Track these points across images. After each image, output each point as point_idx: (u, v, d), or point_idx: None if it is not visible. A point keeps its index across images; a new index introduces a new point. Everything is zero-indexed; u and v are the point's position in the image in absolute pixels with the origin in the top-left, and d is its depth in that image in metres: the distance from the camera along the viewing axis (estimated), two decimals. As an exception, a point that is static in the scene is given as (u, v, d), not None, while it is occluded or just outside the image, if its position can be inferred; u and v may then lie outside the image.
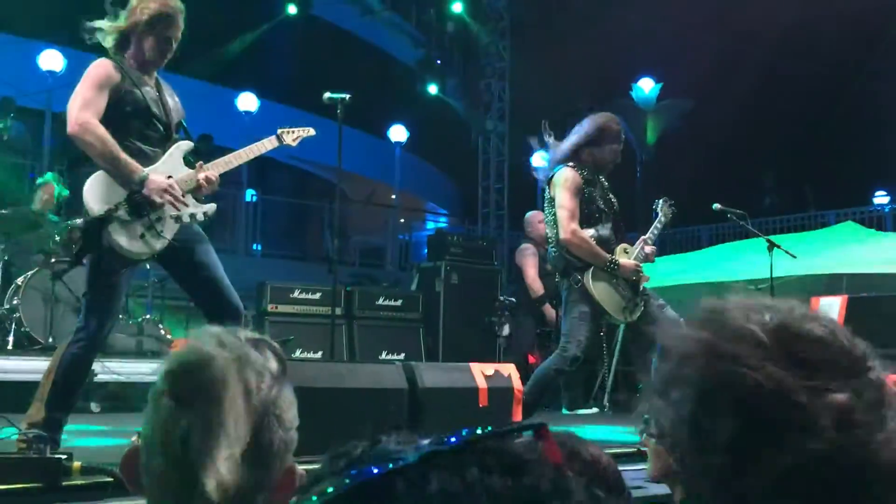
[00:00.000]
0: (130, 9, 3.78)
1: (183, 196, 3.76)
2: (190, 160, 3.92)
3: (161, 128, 3.84)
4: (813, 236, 10.38)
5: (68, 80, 10.25)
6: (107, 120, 3.65)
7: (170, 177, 3.76)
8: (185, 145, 3.92)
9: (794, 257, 6.63)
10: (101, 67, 3.71)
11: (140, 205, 3.66)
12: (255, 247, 14.22)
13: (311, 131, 4.39)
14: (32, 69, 10.81)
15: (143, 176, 3.64)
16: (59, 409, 3.59)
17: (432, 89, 14.90)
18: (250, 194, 14.02)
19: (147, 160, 3.73)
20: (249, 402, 1.12)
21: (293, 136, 4.28)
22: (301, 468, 1.21)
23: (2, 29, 11.85)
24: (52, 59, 10.72)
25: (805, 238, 9.77)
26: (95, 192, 3.64)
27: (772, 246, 6.51)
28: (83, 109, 3.60)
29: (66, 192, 7.75)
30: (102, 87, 3.66)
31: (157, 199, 3.66)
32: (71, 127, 3.59)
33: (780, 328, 0.88)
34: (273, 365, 1.19)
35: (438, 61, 14.71)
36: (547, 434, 0.72)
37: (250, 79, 13.77)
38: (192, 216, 3.83)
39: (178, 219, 3.77)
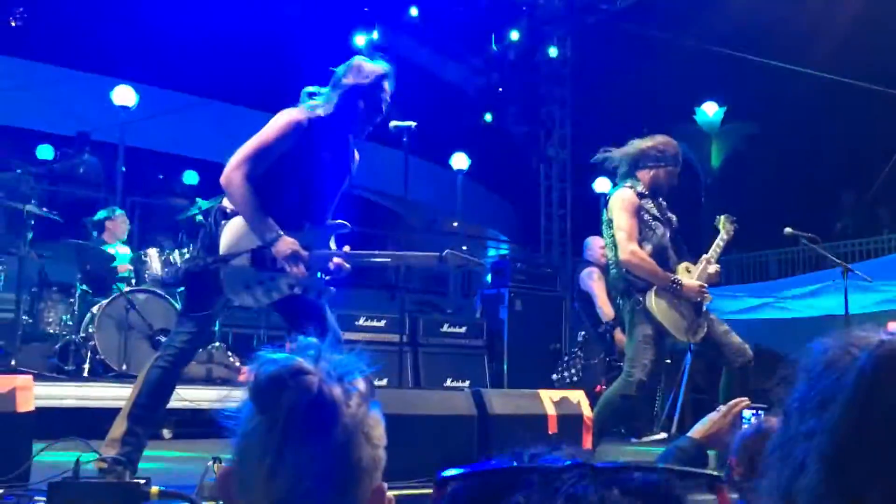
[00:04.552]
0: (353, 67, 3.86)
1: (308, 269, 3.75)
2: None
3: (322, 196, 3.88)
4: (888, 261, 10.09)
5: (140, 115, 10.62)
6: (271, 168, 3.71)
7: (307, 248, 3.74)
8: (337, 225, 3.95)
9: (870, 281, 6.46)
10: (285, 121, 3.75)
11: (264, 260, 3.73)
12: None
13: (482, 264, 4.23)
14: (106, 104, 11.15)
15: (274, 236, 3.67)
16: (140, 423, 3.66)
17: (489, 117, 14.96)
18: (315, 223, 14.20)
19: (293, 223, 3.74)
20: (341, 419, 1.13)
21: (457, 261, 4.00)
22: (390, 493, 1.21)
23: (77, 66, 12.29)
24: (124, 95, 11.04)
25: (880, 265, 9.49)
26: (231, 235, 3.75)
27: (846, 270, 6.34)
28: (241, 165, 3.66)
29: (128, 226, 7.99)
30: (279, 140, 3.71)
31: (279, 263, 3.71)
32: (222, 178, 3.69)
33: None
34: (360, 384, 1.20)
35: (500, 89, 14.76)
36: (721, 490, 0.73)
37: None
38: (306, 290, 3.81)
39: (290, 287, 3.78)
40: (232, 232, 3.75)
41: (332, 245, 3.95)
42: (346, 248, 3.94)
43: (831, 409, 0.94)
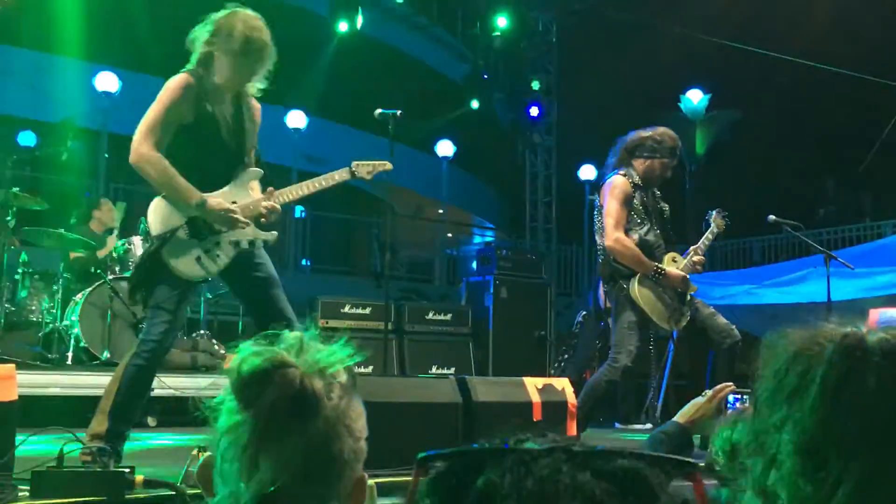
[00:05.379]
0: (217, 27, 3.75)
1: (244, 222, 3.79)
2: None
3: (231, 152, 3.85)
4: (869, 249, 10.14)
5: (123, 101, 10.53)
6: (174, 141, 3.70)
7: (234, 202, 3.79)
8: (253, 173, 3.94)
9: (852, 268, 6.51)
10: (176, 85, 3.71)
11: (200, 228, 3.73)
12: (304, 262, 14.33)
13: (388, 166, 4.28)
14: (89, 91, 11.06)
15: (199, 201, 3.69)
16: (122, 421, 3.66)
17: (475, 104, 14.92)
18: (299, 210, 14.15)
19: (212, 185, 3.76)
20: (322, 412, 1.13)
21: (367, 169, 4.16)
22: (371, 481, 1.22)
23: (60, 52, 12.17)
24: (107, 81, 10.96)
25: (862, 252, 9.54)
26: (158, 215, 3.73)
27: (828, 257, 6.38)
28: (146, 137, 3.64)
29: (122, 214, 7.95)
30: (175, 105, 3.68)
31: (215, 226, 3.74)
32: (131, 156, 3.66)
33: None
34: (342, 375, 1.20)
35: (485, 76, 14.75)
36: (697, 477, 0.75)
37: (299, 96, 13.92)
38: (252, 242, 3.86)
39: (236, 244, 3.82)
40: (158, 212, 3.73)
41: (257, 193, 3.93)
42: (270, 189, 3.91)
43: (801, 401, 0.95)
